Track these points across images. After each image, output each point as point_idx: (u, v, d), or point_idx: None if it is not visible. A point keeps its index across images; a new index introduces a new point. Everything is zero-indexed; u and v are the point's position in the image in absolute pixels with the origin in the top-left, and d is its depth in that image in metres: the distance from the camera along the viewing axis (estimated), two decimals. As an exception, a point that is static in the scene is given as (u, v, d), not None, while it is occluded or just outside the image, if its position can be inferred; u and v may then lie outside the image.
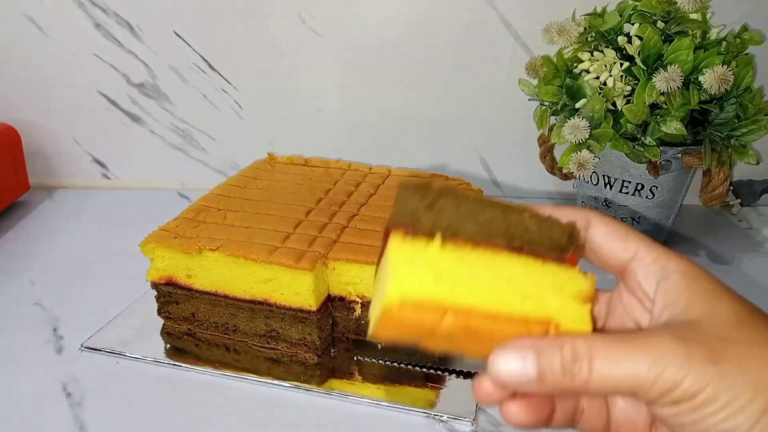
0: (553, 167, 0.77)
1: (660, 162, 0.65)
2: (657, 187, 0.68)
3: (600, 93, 0.63)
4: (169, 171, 0.90)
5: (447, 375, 0.52)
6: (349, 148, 0.86)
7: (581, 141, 0.63)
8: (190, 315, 0.57)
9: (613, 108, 0.63)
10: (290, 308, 0.53)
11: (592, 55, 0.64)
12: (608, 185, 0.70)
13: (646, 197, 0.69)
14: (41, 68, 0.84)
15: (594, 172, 0.71)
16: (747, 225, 0.82)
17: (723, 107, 0.62)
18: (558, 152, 0.72)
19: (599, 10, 0.67)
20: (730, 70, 0.58)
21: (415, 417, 0.47)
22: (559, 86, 0.66)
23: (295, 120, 0.87)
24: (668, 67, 0.58)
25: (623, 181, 0.69)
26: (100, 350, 0.54)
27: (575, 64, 0.66)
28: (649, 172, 0.65)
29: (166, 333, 0.57)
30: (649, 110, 0.61)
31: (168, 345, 0.56)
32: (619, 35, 0.64)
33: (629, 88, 0.62)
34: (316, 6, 0.81)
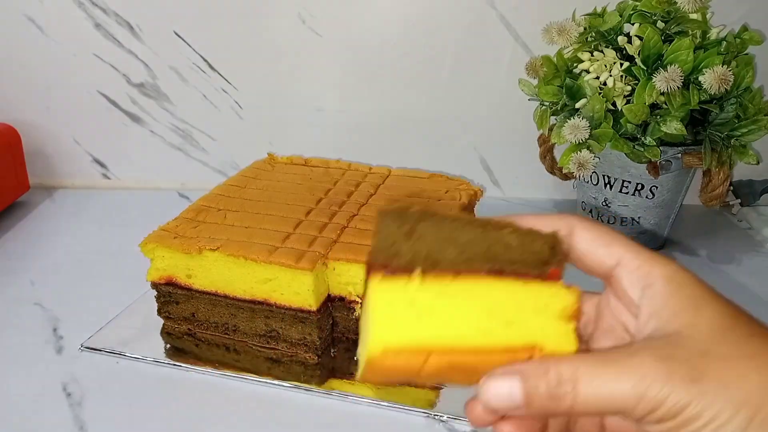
0: (553, 167, 0.77)
1: (660, 162, 0.65)
2: (657, 187, 0.68)
3: (600, 93, 0.63)
4: (169, 171, 0.90)
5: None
6: (349, 148, 0.86)
7: (581, 141, 0.63)
8: (190, 315, 0.57)
9: (613, 108, 0.63)
10: (290, 308, 0.53)
11: (592, 55, 0.64)
12: (608, 185, 0.70)
13: (646, 197, 0.69)
14: (41, 68, 0.84)
15: (594, 172, 0.71)
16: (747, 225, 0.82)
17: (723, 107, 0.62)
18: (558, 152, 0.72)
19: (599, 10, 0.67)
20: (730, 70, 0.58)
21: (415, 417, 0.47)
22: (559, 86, 0.66)
23: (295, 120, 0.87)
24: (668, 67, 0.58)
25: (623, 181, 0.69)
26: (100, 350, 0.54)
27: (575, 64, 0.66)
28: (649, 172, 0.65)
29: (166, 333, 0.57)
30: (649, 110, 0.61)
31: (168, 345, 0.56)
32: (619, 35, 0.64)
33: (629, 88, 0.62)
34: (316, 6, 0.81)
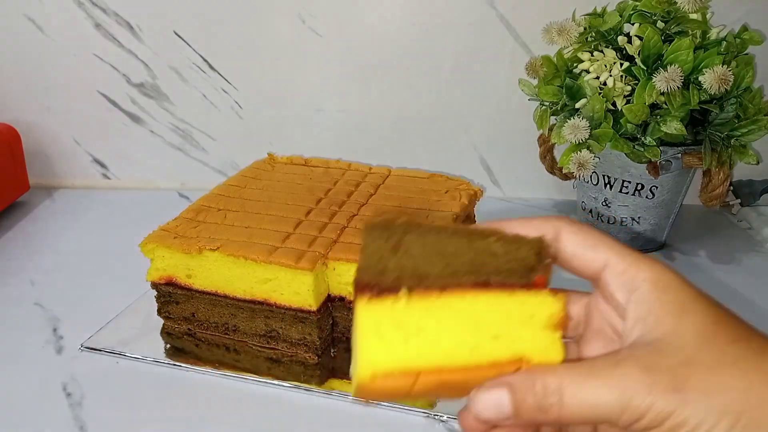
0: (553, 167, 0.77)
1: (660, 162, 0.65)
2: (657, 187, 0.68)
3: (600, 93, 0.63)
4: (169, 171, 0.90)
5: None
6: (349, 148, 0.86)
7: (581, 141, 0.63)
8: (190, 315, 0.57)
9: (613, 108, 0.63)
10: (290, 308, 0.53)
11: (592, 55, 0.64)
12: (608, 185, 0.70)
13: (646, 197, 0.69)
14: (41, 68, 0.84)
15: (594, 172, 0.71)
16: (747, 225, 0.82)
17: (723, 107, 0.62)
18: (558, 152, 0.72)
19: (599, 10, 0.67)
20: (730, 70, 0.58)
21: (415, 417, 0.47)
22: (559, 86, 0.66)
23: (295, 120, 0.87)
24: (668, 67, 0.58)
25: (623, 181, 0.69)
26: (100, 350, 0.54)
27: (575, 64, 0.66)
28: (649, 172, 0.65)
29: (166, 333, 0.57)
30: (649, 110, 0.61)
31: (168, 345, 0.56)
32: (619, 35, 0.64)
33: (629, 88, 0.62)
34: (316, 6, 0.81)
